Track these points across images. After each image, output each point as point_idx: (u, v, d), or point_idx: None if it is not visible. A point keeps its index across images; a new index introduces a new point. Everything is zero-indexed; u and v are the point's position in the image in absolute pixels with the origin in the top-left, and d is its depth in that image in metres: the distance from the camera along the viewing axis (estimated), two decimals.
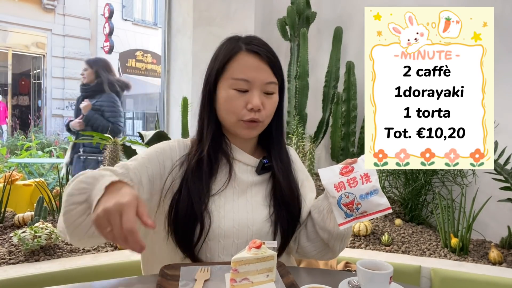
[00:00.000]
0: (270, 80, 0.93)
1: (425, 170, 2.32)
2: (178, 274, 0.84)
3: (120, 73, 12.92)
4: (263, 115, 0.93)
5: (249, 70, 0.91)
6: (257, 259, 0.79)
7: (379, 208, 0.87)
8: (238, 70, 0.92)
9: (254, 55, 0.92)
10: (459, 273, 1.68)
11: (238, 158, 1.00)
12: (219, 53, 0.97)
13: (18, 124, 9.77)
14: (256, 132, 0.97)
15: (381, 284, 0.77)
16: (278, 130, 1.03)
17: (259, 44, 0.95)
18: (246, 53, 0.93)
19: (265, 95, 0.94)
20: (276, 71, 0.95)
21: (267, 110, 0.94)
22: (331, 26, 2.88)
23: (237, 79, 0.91)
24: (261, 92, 0.93)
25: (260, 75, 0.92)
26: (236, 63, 0.93)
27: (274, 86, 0.95)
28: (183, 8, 3.15)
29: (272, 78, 0.94)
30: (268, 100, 0.94)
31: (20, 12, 10.58)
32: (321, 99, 2.95)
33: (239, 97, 0.92)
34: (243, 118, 0.92)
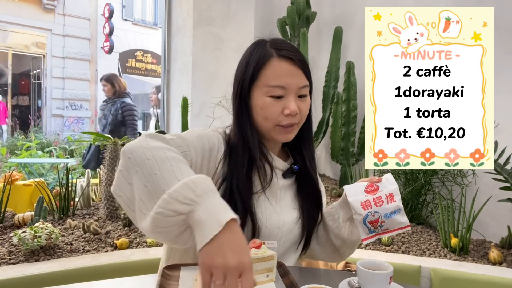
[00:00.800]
0: (304, 84, 0.93)
1: (425, 170, 2.32)
2: (178, 274, 0.84)
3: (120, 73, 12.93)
4: (298, 118, 0.94)
5: (284, 76, 0.91)
6: (257, 259, 0.79)
7: (400, 226, 0.95)
8: (272, 77, 0.91)
9: (286, 61, 0.92)
10: (459, 273, 1.68)
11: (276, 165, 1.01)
12: (249, 59, 0.95)
13: (18, 124, 9.76)
14: (293, 136, 0.97)
15: (381, 284, 0.77)
16: (309, 133, 1.03)
17: (290, 48, 0.94)
18: (278, 59, 0.92)
19: (300, 99, 0.94)
20: (308, 74, 0.95)
21: (302, 113, 0.95)
22: (331, 26, 2.88)
23: (272, 86, 0.91)
24: (296, 96, 0.92)
25: (294, 80, 0.91)
26: (270, 70, 0.91)
27: (307, 89, 0.95)
28: (183, 8, 3.15)
29: (305, 81, 0.94)
30: (303, 103, 0.94)
31: (20, 12, 10.59)
32: (321, 99, 2.95)
33: (276, 103, 0.91)
34: (280, 123, 0.92)
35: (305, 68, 0.94)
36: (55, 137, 8.21)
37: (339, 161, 2.80)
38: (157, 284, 0.78)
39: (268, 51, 0.93)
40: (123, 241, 1.80)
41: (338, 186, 2.77)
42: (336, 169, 3.02)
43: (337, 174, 2.93)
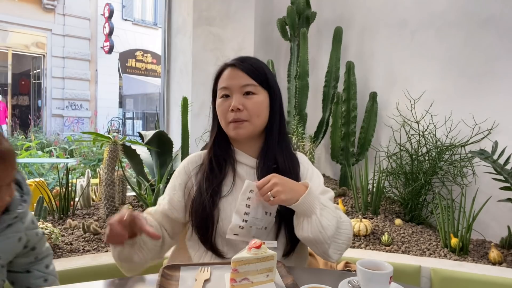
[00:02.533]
0: (246, 83, 1.04)
1: (425, 170, 2.32)
2: (178, 274, 0.84)
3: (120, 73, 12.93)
4: (245, 114, 1.03)
5: (228, 79, 1.06)
6: (257, 259, 0.79)
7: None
8: (221, 81, 1.08)
9: (232, 67, 1.07)
10: (459, 273, 1.68)
11: (243, 161, 1.09)
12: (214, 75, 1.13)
13: (18, 124, 9.76)
14: (244, 131, 1.05)
15: (381, 284, 0.77)
16: (279, 132, 1.10)
17: (238, 58, 1.08)
18: (227, 67, 1.08)
19: (246, 96, 1.04)
20: (253, 75, 1.05)
21: (249, 110, 1.04)
22: (331, 26, 2.87)
23: (221, 88, 1.07)
24: (241, 95, 1.04)
25: (236, 80, 1.05)
26: (221, 77, 1.09)
27: (253, 87, 1.05)
28: (183, 8, 3.15)
29: (249, 80, 1.04)
30: (249, 101, 1.04)
31: (20, 12, 10.59)
32: (321, 99, 2.95)
33: (224, 102, 1.06)
34: (229, 119, 1.05)
35: (250, 70, 1.05)
36: (55, 137, 8.21)
37: (339, 161, 2.80)
38: (157, 284, 0.78)
39: (224, 65, 1.10)
40: None
41: (338, 186, 2.77)
42: (336, 169, 3.02)
43: (337, 174, 2.93)
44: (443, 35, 2.48)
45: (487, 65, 2.30)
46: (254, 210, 0.94)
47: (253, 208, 0.94)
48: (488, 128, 2.24)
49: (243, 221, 0.93)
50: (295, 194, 0.91)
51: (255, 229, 0.96)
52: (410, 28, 2.64)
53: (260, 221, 0.96)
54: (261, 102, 1.06)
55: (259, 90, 1.06)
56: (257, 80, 1.05)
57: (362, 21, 2.93)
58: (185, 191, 1.09)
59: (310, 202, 0.92)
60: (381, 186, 2.30)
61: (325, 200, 0.98)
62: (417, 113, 2.41)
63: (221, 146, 1.10)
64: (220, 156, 1.09)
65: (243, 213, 0.93)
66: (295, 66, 2.95)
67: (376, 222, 2.19)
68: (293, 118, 2.84)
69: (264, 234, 0.99)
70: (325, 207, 0.95)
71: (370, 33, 2.88)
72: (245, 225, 0.94)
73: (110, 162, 2.13)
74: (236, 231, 0.94)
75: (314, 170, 1.14)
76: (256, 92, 1.05)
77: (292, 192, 0.91)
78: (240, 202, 0.93)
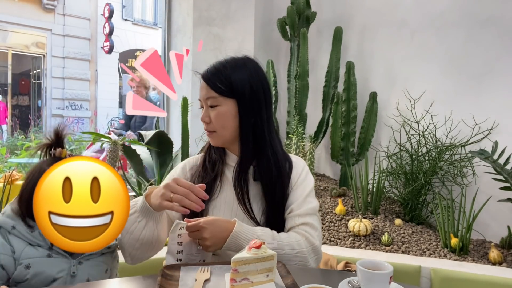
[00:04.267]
0: (208, 96, 1.05)
1: (425, 170, 2.32)
2: (178, 274, 0.84)
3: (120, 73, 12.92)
4: (212, 126, 1.06)
5: (200, 90, 1.08)
6: (257, 259, 0.79)
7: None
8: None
9: (202, 78, 1.08)
10: (459, 273, 1.68)
11: (229, 162, 1.11)
12: None
13: (18, 124, 9.75)
14: (214, 141, 1.08)
15: (381, 284, 0.77)
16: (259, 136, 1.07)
17: (209, 67, 1.08)
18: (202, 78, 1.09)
19: (211, 109, 1.06)
20: (213, 86, 1.04)
21: (214, 122, 1.05)
22: (331, 26, 2.87)
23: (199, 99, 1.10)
24: (207, 107, 1.06)
25: (202, 93, 1.07)
26: None
27: (213, 100, 1.04)
28: (183, 8, 3.15)
29: (210, 93, 1.04)
30: (212, 112, 1.05)
31: (20, 12, 10.58)
32: (321, 99, 2.95)
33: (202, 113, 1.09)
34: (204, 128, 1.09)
35: (211, 82, 1.04)
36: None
37: (339, 161, 2.80)
38: (157, 284, 0.78)
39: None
40: None
41: (338, 186, 2.77)
42: (336, 169, 3.02)
43: (337, 174, 2.93)
44: (443, 35, 2.48)
45: (487, 65, 2.30)
46: (187, 246, 0.93)
47: (185, 245, 0.92)
48: (488, 128, 2.24)
49: (177, 260, 0.92)
50: (222, 240, 0.92)
51: None
52: (410, 28, 2.64)
53: (196, 256, 0.94)
54: (224, 113, 1.04)
55: (221, 101, 1.04)
56: (218, 91, 1.03)
57: (362, 21, 2.93)
58: None
59: (238, 243, 0.92)
60: (381, 186, 2.30)
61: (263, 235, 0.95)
62: (417, 113, 2.40)
63: (215, 148, 1.12)
64: (213, 156, 1.11)
65: (176, 252, 0.92)
66: (295, 66, 2.95)
67: (376, 222, 2.19)
68: (293, 118, 2.84)
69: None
70: None
71: (370, 33, 2.88)
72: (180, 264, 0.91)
73: (110, 162, 2.13)
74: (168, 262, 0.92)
75: (307, 177, 1.11)
76: (218, 104, 1.04)
77: (219, 241, 0.92)
78: (171, 241, 0.92)
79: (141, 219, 0.95)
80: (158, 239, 1.00)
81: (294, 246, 0.96)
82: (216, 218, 0.94)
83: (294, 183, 1.08)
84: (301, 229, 1.01)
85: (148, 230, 0.96)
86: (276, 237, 0.96)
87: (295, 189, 1.07)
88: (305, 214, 1.03)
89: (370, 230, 2.05)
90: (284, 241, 0.96)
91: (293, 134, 2.59)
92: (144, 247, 0.98)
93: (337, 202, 2.35)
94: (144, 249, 0.99)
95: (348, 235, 2.06)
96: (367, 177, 2.35)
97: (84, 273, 1.02)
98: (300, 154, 2.55)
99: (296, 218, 1.03)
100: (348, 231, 2.09)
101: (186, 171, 1.14)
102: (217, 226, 0.92)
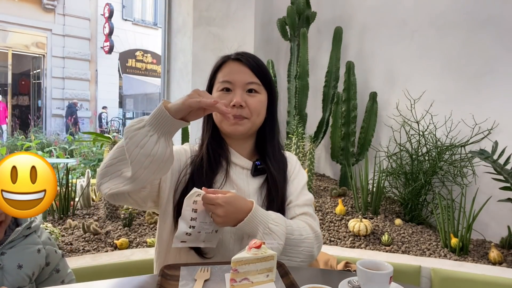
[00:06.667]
0: (251, 80, 1.03)
1: (425, 170, 2.32)
2: (178, 274, 0.84)
3: (120, 73, 12.93)
4: (247, 111, 1.02)
5: (232, 73, 1.03)
6: (257, 259, 0.79)
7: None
8: (223, 74, 1.05)
9: (236, 62, 1.05)
10: (459, 273, 1.68)
11: (234, 161, 1.07)
12: (214, 66, 1.10)
13: (18, 124, 9.76)
14: (242, 128, 1.03)
15: (381, 284, 0.77)
16: (271, 133, 1.10)
17: (243, 53, 1.06)
18: (231, 61, 1.06)
19: (248, 94, 1.03)
20: (258, 73, 1.04)
21: (251, 108, 1.02)
22: (331, 26, 2.88)
23: (222, 81, 1.04)
24: (243, 91, 1.02)
25: (240, 76, 1.03)
26: (223, 70, 1.06)
27: (257, 86, 1.04)
28: (183, 8, 3.15)
29: (253, 78, 1.03)
30: (252, 98, 1.03)
31: (20, 12, 10.59)
32: (321, 99, 2.95)
33: (225, 96, 1.02)
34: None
35: (256, 68, 1.04)
36: (55, 137, 8.20)
37: (339, 161, 2.80)
38: (157, 284, 0.78)
39: (226, 57, 1.07)
40: (123, 241, 1.81)
41: (338, 186, 2.77)
42: (336, 169, 3.02)
43: (337, 174, 2.93)
44: (443, 35, 2.48)
45: (487, 65, 2.30)
46: (201, 214, 0.90)
47: (200, 213, 0.90)
48: (488, 128, 2.24)
49: (190, 227, 0.89)
50: (235, 220, 0.90)
51: (205, 234, 0.92)
52: (410, 28, 2.64)
53: (209, 225, 0.92)
54: (263, 102, 1.05)
55: (261, 89, 1.05)
56: (261, 79, 1.05)
57: (362, 21, 2.93)
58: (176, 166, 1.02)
59: (253, 225, 0.90)
60: (381, 186, 2.30)
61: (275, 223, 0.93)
62: (417, 113, 2.40)
63: (217, 141, 1.08)
64: (216, 151, 1.06)
65: (190, 219, 0.89)
66: (295, 66, 2.95)
67: (376, 222, 2.19)
68: (293, 118, 2.84)
69: (216, 236, 0.95)
70: (271, 232, 0.91)
71: (370, 33, 2.88)
72: (193, 231, 0.89)
73: None
74: (184, 238, 0.90)
75: (300, 170, 1.14)
76: (259, 91, 1.04)
77: (232, 221, 0.90)
78: (185, 207, 0.89)
79: (152, 133, 0.86)
80: (169, 159, 0.91)
81: (302, 232, 0.97)
82: (235, 197, 0.90)
83: (290, 176, 1.10)
84: (302, 218, 1.03)
85: (161, 146, 0.87)
86: (287, 221, 0.97)
87: (292, 182, 1.10)
88: (304, 205, 1.06)
89: (370, 230, 2.05)
90: (293, 226, 0.97)
91: (293, 134, 2.59)
92: (154, 165, 0.88)
93: (337, 202, 2.35)
94: (152, 169, 0.89)
95: (348, 235, 2.06)
96: (367, 177, 2.35)
97: (13, 261, 1.02)
98: (300, 154, 2.55)
99: (296, 208, 1.05)
100: (348, 231, 2.09)
101: (188, 157, 1.07)
102: (233, 206, 0.89)
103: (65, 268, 1.18)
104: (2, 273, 0.99)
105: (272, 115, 1.09)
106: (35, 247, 1.07)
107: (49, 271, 1.11)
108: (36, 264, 1.06)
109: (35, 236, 1.09)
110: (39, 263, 1.07)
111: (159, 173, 0.93)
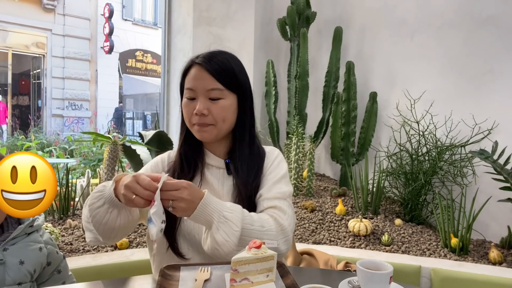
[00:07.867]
0: (212, 87, 1.00)
1: (425, 170, 2.32)
2: (178, 274, 0.84)
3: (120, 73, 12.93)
4: (210, 119, 1.01)
5: (193, 80, 1.01)
6: (257, 259, 0.79)
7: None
8: (187, 81, 1.03)
9: (198, 66, 1.01)
10: (459, 273, 1.68)
11: (209, 162, 1.08)
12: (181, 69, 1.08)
13: (18, 124, 9.77)
14: (208, 135, 1.03)
15: (381, 284, 0.77)
16: (241, 134, 1.07)
17: (205, 56, 1.02)
18: (194, 66, 1.03)
19: (211, 101, 1.00)
20: (221, 78, 1.00)
21: (214, 115, 1.00)
22: (331, 26, 2.88)
23: (186, 89, 1.03)
24: (206, 98, 1.00)
25: (201, 83, 1.00)
26: (188, 75, 1.04)
27: (219, 92, 1.00)
28: (183, 8, 3.15)
29: (215, 84, 1.00)
30: (214, 105, 1.00)
31: (20, 12, 10.58)
32: (321, 99, 2.95)
33: (189, 104, 1.02)
34: (193, 122, 1.03)
35: (217, 72, 1.00)
36: (55, 137, 8.21)
37: (339, 161, 2.80)
38: (157, 284, 0.78)
39: (191, 61, 1.04)
40: (123, 241, 1.80)
41: (338, 186, 2.77)
42: (336, 169, 3.02)
43: (337, 174, 2.93)
44: (443, 35, 2.48)
45: (487, 65, 2.30)
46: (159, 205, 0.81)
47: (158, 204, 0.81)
48: (488, 128, 2.24)
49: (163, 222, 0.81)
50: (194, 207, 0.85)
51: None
52: (410, 28, 2.64)
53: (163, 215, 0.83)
54: (228, 107, 1.02)
55: (225, 94, 1.01)
56: (224, 84, 1.00)
57: (362, 21, 2.93)
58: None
59: (207, 213, 0.86)
60: (381, 186, 2.30)
61: (230, 211, 0.88)
62: (417, 113, 2.40)
63: (190, 144, 1.08)
64: (189, 154, 1.07)
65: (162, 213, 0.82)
66: (295, 66, 2.95)
67: (376, 222, 2.19)
68: (293, 118, 2.84)
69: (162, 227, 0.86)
70: (226, 220, 0.86)
71: (370, 33, 2.88)
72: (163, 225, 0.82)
73: (110, 162, 2.13)
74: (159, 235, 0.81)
75: (280, 164, 1.09)
76: (222, 97, 1.01)
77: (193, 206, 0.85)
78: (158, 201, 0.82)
79: (112, 209, 0.91)
80: (134, 219, 0.97)
81: (264, 223, 0.92)
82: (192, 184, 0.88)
83: (266, 171, 1.07)
84: (269, 212, 0.98)
85: (123, 218, 0.92)
86: (245, 212, 0.93)
87: (266, 176, 1.06)
88: (274, 198, 1.00)
89: (370, 230, 2.05)
90: (254, 217, 0.92)
91: (293, 134, 2.59)
92: (122, 232, 0.96)
93: (337, 202, 2.35)
94: (122, 234, 0.97)
95: (348, 235, 2.06)
96: (367, 177, 2.35)
97: (15, 257, 1.03)
98: (300, 154, 2.56)
99: (264, 202, 1.00)
100: (348, 231, 2.09)
101: (164, 166, 1.10)
102: (195, 191, 0.86)
103: (66, 270, 1.19)
104: (4, 268, 1.01)
105: (246, 115, 1.06)
106: (37, 245, 1.09)
107: (50, 271, 1.12)
108: (37, 262, 1.07)
109: (37, 235, 1.11)
110: (40, 261, 1.08)
111: (130, 231, 1.02)
